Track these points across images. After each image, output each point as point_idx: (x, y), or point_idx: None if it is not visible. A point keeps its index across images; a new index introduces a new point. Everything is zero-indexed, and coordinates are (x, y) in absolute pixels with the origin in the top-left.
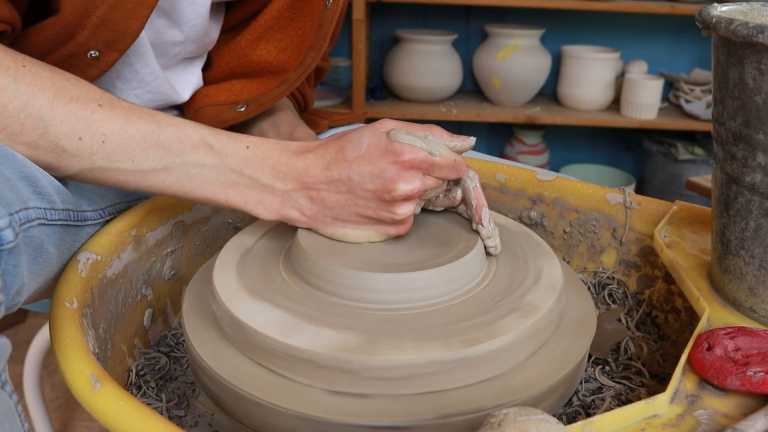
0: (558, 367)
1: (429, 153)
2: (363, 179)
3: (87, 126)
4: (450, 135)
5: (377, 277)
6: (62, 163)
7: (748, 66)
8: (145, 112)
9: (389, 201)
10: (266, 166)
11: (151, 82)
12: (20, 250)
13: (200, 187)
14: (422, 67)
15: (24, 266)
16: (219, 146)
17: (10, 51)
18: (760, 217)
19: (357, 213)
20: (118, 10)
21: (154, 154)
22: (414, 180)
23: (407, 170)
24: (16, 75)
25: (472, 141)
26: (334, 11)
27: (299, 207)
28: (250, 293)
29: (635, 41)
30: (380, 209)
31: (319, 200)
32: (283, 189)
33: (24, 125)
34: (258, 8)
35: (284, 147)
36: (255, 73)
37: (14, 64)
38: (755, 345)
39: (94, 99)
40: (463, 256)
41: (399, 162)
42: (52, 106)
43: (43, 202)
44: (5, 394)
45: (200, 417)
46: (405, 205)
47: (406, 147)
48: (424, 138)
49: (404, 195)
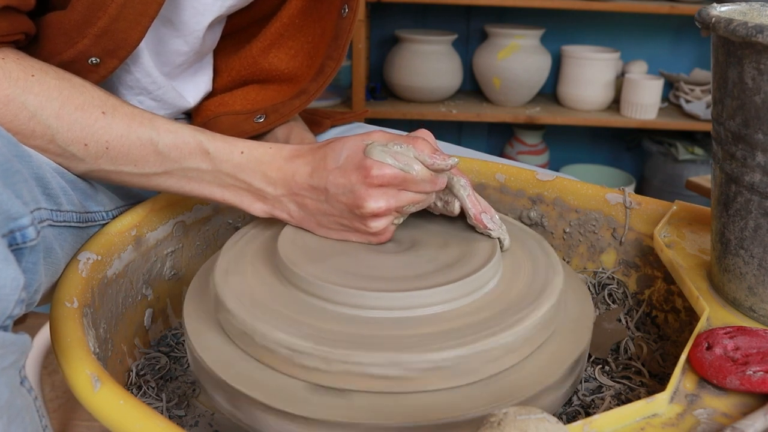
0: (557, 368)
1: (401, 170)
2: (337, 191)
3: (91, 134)
4: (433, 150)
5: (371, 295)
6: (71, 165)
7: (747, 66)
8: (145, 118)
9: (360, 216)
10: (258, 172)
11: (154, 91)
12: (40, 248)
13: (198, 188)
14: (422, 67)
15: (41, 265)
16: (214, 151)
17: (21, 59)
18: (759, 216)
19: (335, 221)
20: (119, 21)
21: (154, 160)
22: (382, 198)
23: (376, 188)
24: (25, 86)
25: (453, 161)
26: (350, 20)
27: (288, 210)
28: (251, 293)
29: (635, 41)
30: (354, 221)
31: (304, 206)
32: (273, 194)
33: (34, 132)
34: (263, 15)
35: (277, 152)
36: (267, 80)
37: (23, 75)
38: (755, 344)
39: (98, 106)
40: (461, 279)
41: (368, 178)
42: (58, 115)
43: (50, 203)
44: (24, 390)
45: (200, 417)
46: (377, 220)
47: (376, 164)
48: (400, 153)
49: (372, 213)
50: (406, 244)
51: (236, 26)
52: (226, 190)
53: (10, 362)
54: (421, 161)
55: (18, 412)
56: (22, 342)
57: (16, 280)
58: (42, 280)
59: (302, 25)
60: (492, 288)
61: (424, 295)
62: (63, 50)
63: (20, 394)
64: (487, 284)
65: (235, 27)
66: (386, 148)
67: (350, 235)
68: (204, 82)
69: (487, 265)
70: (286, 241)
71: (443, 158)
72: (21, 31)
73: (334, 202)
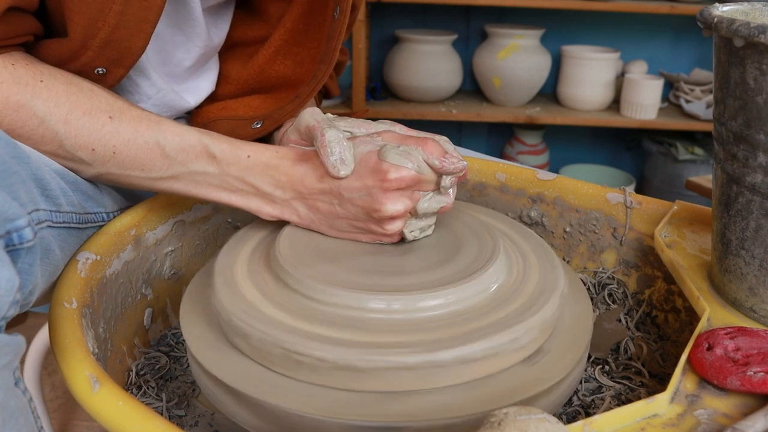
0: (556, 369)
1: (417, 172)
2: (352, 195)
3: (99, 138)
4: (442, 153)
5: (372, 297)
6: (80, 169)
7: (749, 66)
8: (152, 121)
9: (377, 219)
10: (266, 175)
11: (153, 96)
12: (36, 249)
13: (205, 191)
14: (422, 67)
15: (38, 266)
16: (221, 155)
17: (30, 63)
18: (760, 217)
19: (349, 224)
20: (120, 29)
21: (161, 164)
22: (400, 201)
23: (393, 191)
24: (34, 92)
25: (463, 164)
26: (341, 22)
27: (297, 213)
28: (251, 293)
29: (635, 41)
30: (370, 223)
31: (315, 209)
32: (282, 197)
33: (43, 137)
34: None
35: (284, 155)
36: (273, 88)
37: (32, 80)
38: (755, 345)
39: (106, 111)
40: (463, 282)
41: (386, 182)
42: (66, 120)
43: (49, 204)
44: (19, 391)
45: (200, 417)
46: (394, 222)
47: (393, 168)
48: (412, 155)
49: (390, 216)
50: (405, 245)
51: (246, 35)
52: (233, 194)
53: (4, 363)
54: (430, 164)
55: (12, 414)
56: (16, 343)
57: (11, 281)
58: (38, 281)
59: (306, 30)
60: (494, 290)
61: (425, 297)
62: (68, 62)
63: (14, 395)
64: (489, 286)
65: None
66: (400, 150)
67: (361, 236)
68: (207, 85)
69: (490, 268)
70: (284, 243)
71: (452, 162)
72: (29, 32)
73: (349, 205)
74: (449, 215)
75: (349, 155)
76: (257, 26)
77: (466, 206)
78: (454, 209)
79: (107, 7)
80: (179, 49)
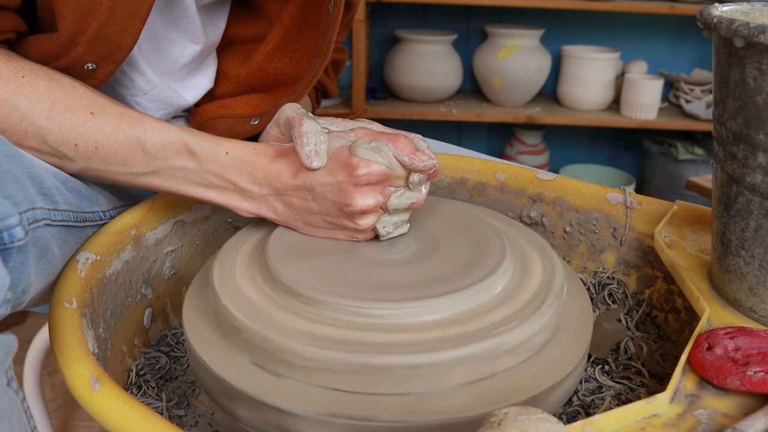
0: (557, 369)
1: (387, 167)
2: (324, 189)
3: (81, 134)
4: (413, 150)
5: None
6: (64, 165)
7: (749, 66)
8: (133, 117)
9: (348, 214)
10: (244, 172)
11: (149, 91)
12: (28, 248)
13: (185, 187)
14: (422, 67)
15: (31, 266)
16: (200, 151)
17: (11, 60)
18: (760, 217)
19: (322, 219)
20: (110, 25)
21: (142, 159)
22: (371, 195)
23: (364, 186)
24: (16, 87)
25: (433, 163)
26: (335, 16)
27: (274, 209)
28: (250, 293)
29: (635, 41)
30: (343, 218)
31: (290, 205)
32: (259, 193)
33: (27, 133)
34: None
35: (262, 151)
36: (272, 86)
37: (14, 76)
38: (755, 345)
39: (87, 107)
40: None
41: (356, 176)
42: (48, 116)
43: (47, 202)
44: (11, 391)
45: (200, 417)
46: (366, 217)
47: (363, 162)
48: (383, 150)
49: (361, 209)
50: (402, 248)
51: (243, 33)
52: (212, 189)
53: None
54: (399, 161)
55: (5, 413)
56: (7, 343)
57: (2, 280)
58: (30, 280)
59: (303, 27)
60: (497, 292)
61: (424, 305)
62: (57, 58)
63: (7, 395)
64: (493, 288)
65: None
66: (370, 145)
67: (337, 233)
68: (205, 82)
69: (496, 272)
70: (274, 246)
71: (421, 159)
72: (11, 30)
73: (322, 200)
74: (449, 214)
75: (323, 148)
76: (255, 24)
77: (467, 206)
78: (455, 209)
79: (97, 2)
80: (175, 46)
